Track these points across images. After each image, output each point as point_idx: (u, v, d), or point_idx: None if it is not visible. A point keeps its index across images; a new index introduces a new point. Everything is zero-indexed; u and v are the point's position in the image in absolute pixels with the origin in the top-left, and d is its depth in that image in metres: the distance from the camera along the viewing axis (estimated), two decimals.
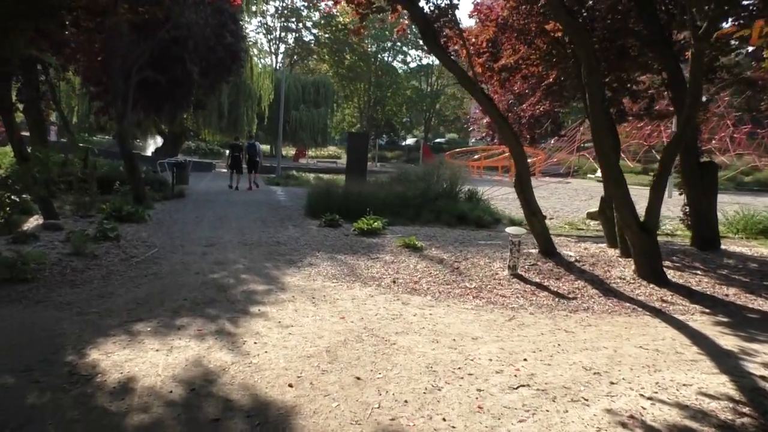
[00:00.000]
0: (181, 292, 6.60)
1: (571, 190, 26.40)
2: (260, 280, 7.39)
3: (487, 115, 8.92)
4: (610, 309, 6.72)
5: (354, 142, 17.16)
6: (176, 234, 10.42)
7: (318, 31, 54.66)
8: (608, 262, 9.00)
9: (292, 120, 37.71)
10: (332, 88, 45.50)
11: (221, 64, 18.16)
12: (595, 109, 7.55)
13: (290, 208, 15.04)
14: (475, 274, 8.17)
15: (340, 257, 8.97)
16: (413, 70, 70.53)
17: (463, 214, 13.09)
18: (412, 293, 7.07)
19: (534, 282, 7.81)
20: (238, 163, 20.55)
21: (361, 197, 13.18)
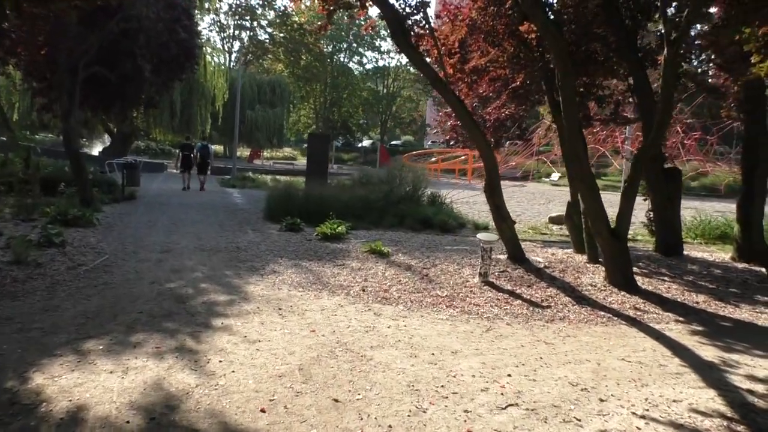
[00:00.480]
0: (136, 304, 6.12)
1: (528, 194, 26.61)
2: (221, 289, 6.95)
3: (457, 119, 8.66)
4: (585, 318, 6.57)
5: (314, 144, 16.73)
6: (128, 239, 9.83)
7: (273, 30, 53.80)
8: (577, 269, 8.90)
9: (247, 120, 36.94)
10: (288, 88, 44.79)
11: (174, 61, 17.43)
12: (569, 113, 7.42)
13: (248, 212, 14.53)
14: (446, 281, 7.92)
15: (305, 264, 8.59)
16: (369, 71, 70.40)
17: (427, 219, 12.87)
18: (383, 302, 6.77)
19: (506, 290, 7.61)
20: (189, 163, 20.39)
21: (323, 200, 12.81)
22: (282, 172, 30.49)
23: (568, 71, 7.24)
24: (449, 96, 8.12)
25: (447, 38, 9.37)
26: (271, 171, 30.81)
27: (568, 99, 7.35)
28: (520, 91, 11.13)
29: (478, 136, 8.39)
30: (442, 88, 8.16)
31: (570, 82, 7.32)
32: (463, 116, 8.20)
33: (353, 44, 67.19)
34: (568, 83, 7.29)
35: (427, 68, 8.20)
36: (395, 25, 7.89)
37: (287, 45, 53.01)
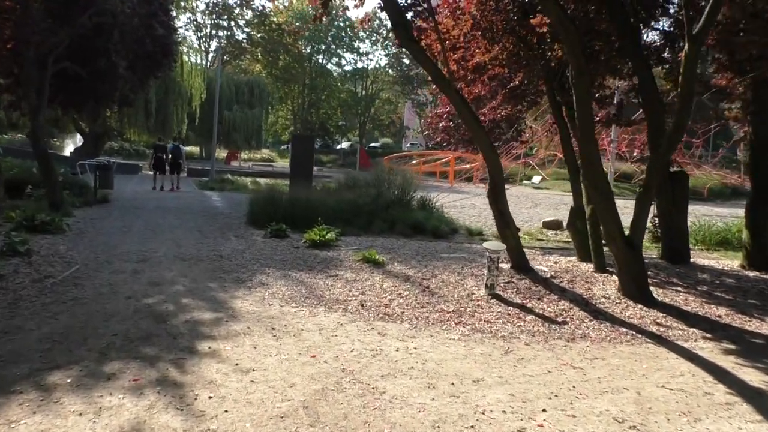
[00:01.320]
0: (110, 324, 5.41)
1: (513, 197, 26.14)
2: (206, 305, 6.26)
3: (460, 118, 8.08)
4: (607, 336, 6.02)
5: (298, 145, 16.00)
6: (101, 247, 9.06)
7: (251, 30, 52.84)
8: (586, 279, 8.38)
9: (225, 121, 36.02)
10: (267, 88, 43.91)
11: (150, 58, 16.60)
12: (583, 113, 6.88)
13: (230, 216, 13.79)
14: (449, 294, 7.33)
15: (295, 275, 7.93)
16: (348, 73, 69.78)
17: (418, 224, 12.28)
18: (386, 320, 6.14)
19: (515, 303, 7.04)
20: (162, 164, 20.70)
21: (310, 205, 12.14)
22: (261, 174, 29.68)
23: (582, 68, 6.71)
24: (452, 94, 7.53)
25: (449, 32, 8.78)
26: (250, 173, 29.99)
27: (582, 98, 6.81)
28: (518, 90, 10.64)
29: (483, 137, 7.82)
30: (445, 86, 7.57)
31: (585, 80, 6.79)
32: (466, 116, 7.62)
33: (332, 45, 66.55)
34: (583, 81, 6.75)
35: (429, 64, 7.60)
36: (396, 17, 7.28)
37: (265, 45, 52.08)
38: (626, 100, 10.02)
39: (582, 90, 6.77)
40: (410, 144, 74.90)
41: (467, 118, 7.60)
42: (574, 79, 6.75)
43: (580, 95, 6.78)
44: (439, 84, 7.65)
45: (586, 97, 6.93)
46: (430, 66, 7.57)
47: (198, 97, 32.74)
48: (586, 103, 6.91)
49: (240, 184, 22.41)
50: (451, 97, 7.65)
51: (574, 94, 6.86)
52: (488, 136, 8.06)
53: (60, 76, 13.89)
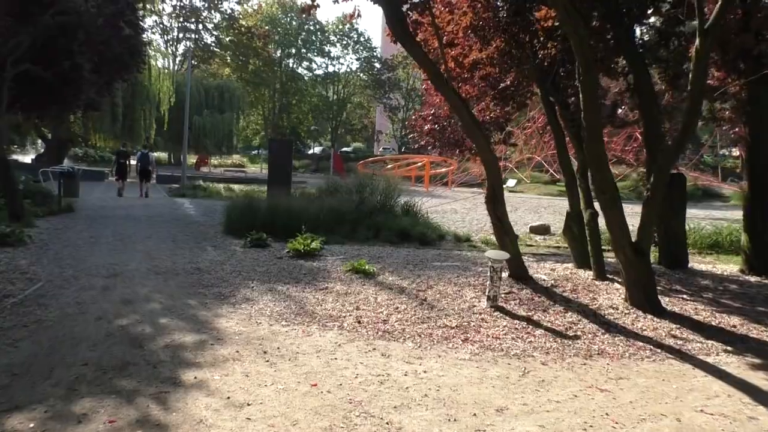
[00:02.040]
0: (79, 352, 4.78)
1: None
2: (187, 326, 5.66)
3: (459, 121, 7.60)
4: (624, 351, 5.59)
5: (276, 150, 15.35)
6: (67, 261, 8.36)
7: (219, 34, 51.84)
8: (588, 287, 7.98)
9: (194, 126, 35.09)
10: (238, 92, 43.04)
11: (118, 60, 15.80)
12: (590, 114, 6.47)
13: (205, 225, 13.11)
14: (449, 307, 6.84)
15: (281, 288, 7.36)
16: (319, 77, 69.13)
17: (404, 231, 11.79)
18: (387, 338, 5.62)
19: (521, 316, 6.58)
20: (124, 170, 20.82)
21: (290, 212, 11.55)
22: (234, 180, 28.89)
23: (590, 65, 6.30)
24: (450, 94, 7.06)
25: (444, 27, 8.30)
26: (223, 179, 29.17)
27: (589, 98, 6.40)
28: (508, 91, 10.24)
29: (482, 140, 7.37)
30: (442, 85, 7.10)
31: (593, 78, 6.38)
32: (465, 118, 7.16)
33: (302, 49, 65.85)
34: (591, 80, 6.35)
35: (426, 61, 7.12)
36: (390, 10, 6.79)
37: (235, 49, 51.18)
38: (620, 100, 9.71)
39: (589, 88, 6.37)
40: (383, 148, 74.55)
41: (466, 121, 7.15)
42: (581, 77, 6.34)
43: (587, 94, 6.38)
44: (436, 83, 7.17)
45: (594, 95, 6.52)
46: (426, 63, 7.09)
47: (167, 102, 31.81)
48: (594, 103, 6.50)
49: (213, 190, 21.66)
50: (448, 97, 7.18)
51: (581, 93, 6.45)
52: (488, 139, 7.61)
53: (21, 79, 13.07)
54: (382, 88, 67.12)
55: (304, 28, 65.42)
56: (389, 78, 67.32)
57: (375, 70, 67.59)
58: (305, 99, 67.13)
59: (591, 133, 6.55)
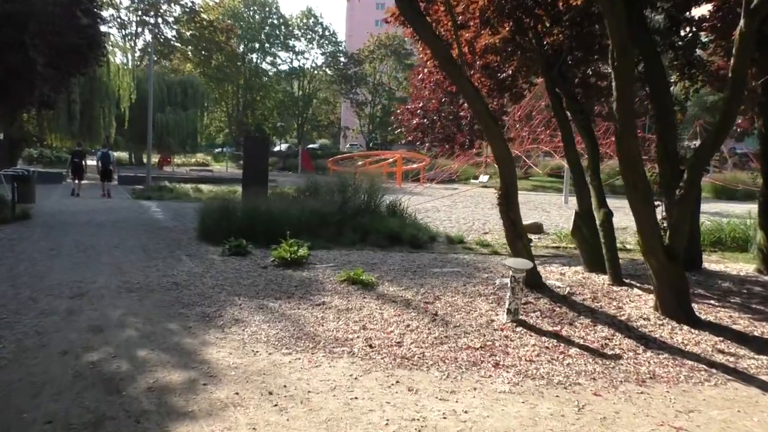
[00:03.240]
0: (41, 402, 3.88)
1: (468, 198, 25.26)
2: (171, 359, 4.78)
3: (471, 111, 6.83)
4: (677, 373, 4.92)
5: (252, 149, 14.30)
6: (23, 279, 7.35)
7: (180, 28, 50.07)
8: (607, 294, 7.32)
9: (157, 124, 33.57)
10: (201, 88, 41.55)
11: (74, 52, 14.57)
12: (625, 102, 5.78)
13: (176, 230, 12.11)
14: (465, 322, 6.10)
15: (273, 305, 6.51)
16: (284, 73, 67.81)
17: (394, 233, 11.01)
18: (407, 366, 4.84)
19: (547, 331, 5.88)
20: (80, 170, 20.65)
21: (271, 216, 10.66)
22: (201, 180, 27.64)
23: (627, 47, 5.61)
24: (464, 82, 6.30)
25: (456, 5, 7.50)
26: (189, 179, 27.90)
27: (625, 85, 5.71)
28: (507, 82, 9.55)
29: (498, 135, 6.64)
30: (455, 72, 6.32)
31: (629, 62, 5.70)
32: (479, 110, 6.41)
33: (266, 44, 64.41)
34: (627, 64, 5.66)
35: (437, 44, 6.33)
36: None
37: (197, 43, 49.53)
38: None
39: (625, 74, 5.68)
40: (350, 144, 73.59)
41: (480, 112, 6.40)
42: (615, 61, 5.64)
43: (622, 80, 5.68)
44: (448, 69, 6.38)
45: (630, 82, 5.86)
46: (438, 47, 6.30)
47: (127, 99, 30.32)
48: (629, 90, 5.82)
49: (180, 191, 20.51)
50: (461, 86, 6.40)
51: (614, 80, 5.75)
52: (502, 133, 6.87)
53: None
54: (349, 83, 66.21)
55: (267, 22, 64.07)
56: (356, 73, 66.43)
57: (341, 65, 66.62)
58: (270, 95, 65.77)
59: (624, 124, 5.86)
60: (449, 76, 6.58)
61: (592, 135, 8.58)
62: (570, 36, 8.17)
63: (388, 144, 70.16)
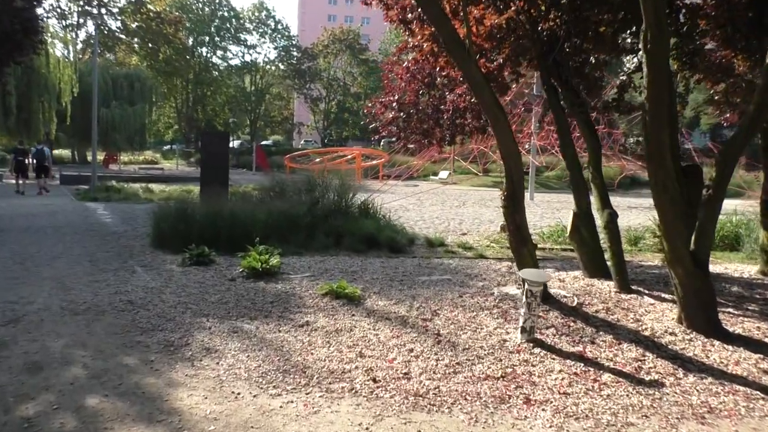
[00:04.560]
0: None
1: (433, 195, 24.60)
2: (131, 409, 3.81)
3: (479, 102, 5.98)
4: (733, 403, 4.23)
5: (211, 145, 13.08)
6: None
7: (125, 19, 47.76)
8: (619, 304, 6.64)
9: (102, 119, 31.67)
10: (149, 82, 39.60)
11: (9, 39, 13.07)
12: (657, 90, 5.08)
13: (126, 236, 10.93)
14: (474, 343, 5.30)
15: (249, 327, 5.57)
16: (236, 67, 65.92)
17: (370, 236, 10.15)
18: (424, 407, 4.00)
19: (569, 353, 5.14)
20: (24, 167, 20.52)
21: (235, 219, 9.66)
22: (151, 179, 26.10)
23: (663, 25, 4.91)
24: (470, 67, 5.48)
25: None
26: (138, 178, 26.32)
27: (658, 71, 5.01)
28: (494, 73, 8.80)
29: (506, 129, 5.86)
30: (462, 55, 5.49)
31: (664, 44, 4.99)
32: (487, 100, 5.62)
33: (216, 37, 62.39)
34: (662, 46, 4.95)
35: (444, 21, 5.46)
36: None
37: (143, 35, 47.36)
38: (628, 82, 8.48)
39: (660, 56, 4.97)
40: (304, 141, 72.19)
41: (488, 102, 5.61)
42: (648, 44, 4.93)
43: (657, 65, 4.97)
44: (455, 53, 5.54)
45: (665, 66, 5.16)
46: (445, 25, 5.44)
47: (69, 93, 28.41)
48: (663, 75, 5.12)
49: (129, 192, 19.09)
50: (469, 73, 5.59)
51: (646, 66, 5.06)
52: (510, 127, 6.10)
53: None
54: (302, 79, 64.89)
55: (217, 14, 62.07)
56: (309, 68, 65.13)
57: (294, 60, 65.20)
58: (221, 90, 63.89)
59: (655, 115, 5.17)
60: (455, 60, 5.75)
61: (592, 129, 7.92)
62: (569, 21, 7.46)
63: (344, 140, 69.16)
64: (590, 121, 7.97)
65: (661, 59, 5.03)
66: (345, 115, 68.63)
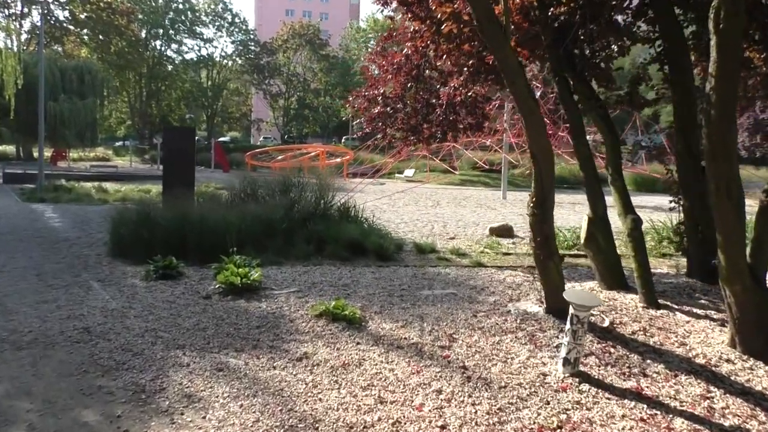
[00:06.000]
0: None
1: (407, 195, 23.71)
2: None
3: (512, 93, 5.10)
4: None
5: (174, 141, 11.73)
6: None
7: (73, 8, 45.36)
8: (653, 323, 5.90)
9: (49, 113, 29.70)
10: (100, 75, 37.55)
11: None
12: (727, 80, 4.33)
13: (79, 243, 9.72)
14: (511, 380, 4.46)
15: (236, 363, 4.59)
16: (192, 61, 63.73)
17: (355, 242, 9.23)
18: None
19: (623, 389, 4.34)
20: None
21: (204, 224, 8.60)
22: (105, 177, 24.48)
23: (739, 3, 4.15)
24: (506, 50, 4.61)
25: None
26: (90, 176, 24.64)
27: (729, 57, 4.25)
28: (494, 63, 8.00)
29: (538, 121, 5.03)
30: (498, 36, 4.61)
31: (737, 24, 4.23)
32: (520, 88, 4.78)
33: (170, 30, 60.12)
34: (735, 26, 4.19)
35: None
36: None
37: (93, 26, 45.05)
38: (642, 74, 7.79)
39: (733, 39, 4.22)
40: (263, 137, 70.42)
41: (522, 93, 4.78)
42: (722, 22, 4.16)
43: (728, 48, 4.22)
44: (489, 32, 4.64)
45: (738, 50, 4.41)
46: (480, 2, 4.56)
47: (12, 85, 26.30)
48: (735, 62, 4.37)
49: (81, 191, 17.59)
50: (503, 55, 4.72)
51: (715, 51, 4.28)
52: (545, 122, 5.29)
53: None
54: (261, 74, 63.25)
55: (171, 6, 59.80)
56: (268, 63, 63.52)
57: (252, 55, 63.46)
58: (176, 84, 61.68)
59: (724, 111, 4.41)
60: (488, 41, 4.86)
61: (611, 125, 7.19)
62: (584, 5, 6.70)
63: (304, 137, 67.74)
64: (608, 116, 7.24)
65: (733, 42, 4.28)
66: (305, 112, 67.30)
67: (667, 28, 7.17)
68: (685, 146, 7.37)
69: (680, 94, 7.24)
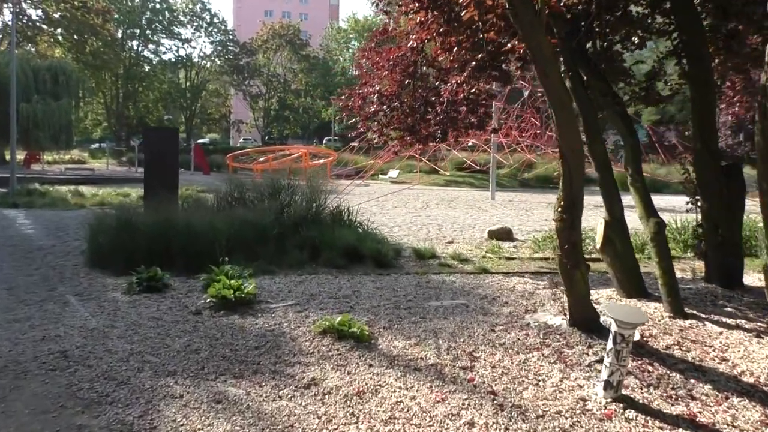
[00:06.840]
0: None
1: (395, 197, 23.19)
2: None
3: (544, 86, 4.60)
4: None
5: (156, 143, 10.99)
6: None
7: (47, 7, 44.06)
8: (685, 335, 5.44)
9: (22, 115, 28.64)
10: (75, 75, 36.45)
11: None
12: None
13: (55, 252, 9.05)
14: (548, 407, 3.97)
15: (236, 393, 4.05)
16: (169, 62, 62.59)
17: (351, 249, 8.71)
18: None
19: (673, 416, 3.88)
20: None
21: (191, 230, 8.02)
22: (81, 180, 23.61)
23: None
24: (540, 39, 4.12)
25: None
26: (66, 180, 23.76)
27: None
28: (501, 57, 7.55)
29: (571, 118, 4.56)
30: (532, 23, 4.11)
31: None
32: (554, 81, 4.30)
33: (147, 30, 58.94)
34: None
35: None
36: None
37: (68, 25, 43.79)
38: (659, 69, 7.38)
39: None
40: (243, 139, 69.39)
41: (556, 87, 4.30)
42: None
43: None
44: (523, 17, 4.12)
45: None
46: None
47: None
48: None
49: (56, 196, 16.78)
50: (536, 44, 4.22)
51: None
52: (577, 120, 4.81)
53: None
54: (241, 75, 62.32)
55: (148, 6, 58.62)
56: (248, 63, 62.60)
57: (231, 55, 62.48)
58: (154, 85, 60.49)
59: None
60: (522, 27, 4.31)
61: (629, 124, 6.76)
62: None
63: (284, 138, 66.89)
64: (626, 114, 6.81)
65: None
66: (286, 113, 66.50)
67: (685, 20, 6.75)
68: (703, 144, 6.96)
69: (698, 89, 6.84)
